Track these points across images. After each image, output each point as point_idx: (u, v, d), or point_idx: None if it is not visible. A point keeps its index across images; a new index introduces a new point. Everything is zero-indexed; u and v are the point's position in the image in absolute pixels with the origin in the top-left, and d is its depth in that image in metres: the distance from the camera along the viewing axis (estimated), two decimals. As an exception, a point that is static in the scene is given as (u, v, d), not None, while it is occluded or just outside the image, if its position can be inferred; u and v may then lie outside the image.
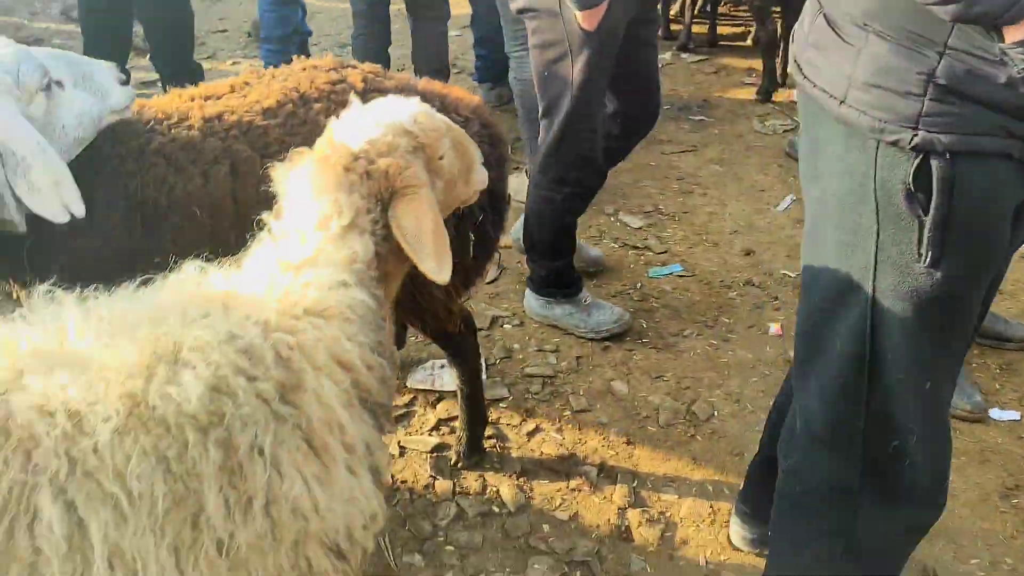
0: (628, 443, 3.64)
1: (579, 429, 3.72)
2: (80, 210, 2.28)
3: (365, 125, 2.01)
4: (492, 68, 6.56)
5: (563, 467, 3.52)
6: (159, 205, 2.63)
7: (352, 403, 1.70)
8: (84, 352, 1.44)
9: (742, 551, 3.11)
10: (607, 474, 3.48)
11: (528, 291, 4.36)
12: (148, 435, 1.38)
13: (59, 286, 1.65)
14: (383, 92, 2.87)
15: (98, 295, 1.64)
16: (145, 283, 1.77)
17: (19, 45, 2.29)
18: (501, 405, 3.83)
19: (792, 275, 4.75)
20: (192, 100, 2.82)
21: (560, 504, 3.35)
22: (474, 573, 3.05)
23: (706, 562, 3.11)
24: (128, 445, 1.35)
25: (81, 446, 1.31)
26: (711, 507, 3.32)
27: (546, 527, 3.25)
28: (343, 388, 1.69)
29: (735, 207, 5.48)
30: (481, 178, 2.34)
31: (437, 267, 1.92)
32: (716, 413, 3.80)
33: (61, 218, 2.26)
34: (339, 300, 1.78)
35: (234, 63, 7.93)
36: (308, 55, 7.06)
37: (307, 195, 1.91)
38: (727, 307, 4.52)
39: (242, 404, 1.49)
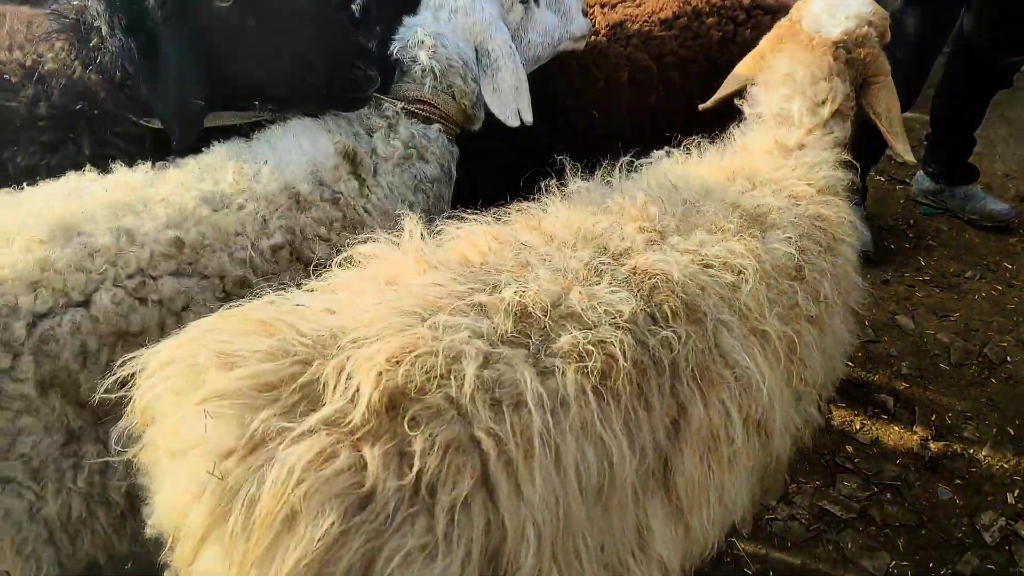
0: (921, 377, 3.70)
1: (868, 358, 3.79)
2: (529, 117, 2.43)
3: (838, 16, 2.13)
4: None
5: (858, 393, 3.61)
6: (565, 104, 2.78)
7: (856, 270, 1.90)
8: (685, 216, 1.63)
9: (1056, 495, 3.17)
10: (903, 405, 3.56)
11: None
12: (764, 283, 1.57)
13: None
14: (766, 8, 2.93)
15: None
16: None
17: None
18: (787, 326, 3.93)
19: (1074, 226, 4.60)
20: (590, 7, 2.93)
21: (860, 428, 3.46)
22: (785, 480, 3.22)
23: (1015, 500, 3.17)
24: (759, 292, 1.54)
25: (735, 293, 1.50)
26: (1015, 448, 3.36)
27: (849, 448, 3.37)
28: (852, 256, 1.88)
29: (1005, 149, 5.29)
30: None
31: (906, 149, 2.12)
32: (1009, 358, 3.79)
33: (512, 121, 2.41)
34: (840, 180, 1.98)
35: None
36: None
37: (803, 82, 2.05)
38: (1008, 252, 4.43)
39: (813, 260, 1.69)
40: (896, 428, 3.46)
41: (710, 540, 1.55)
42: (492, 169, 2.58)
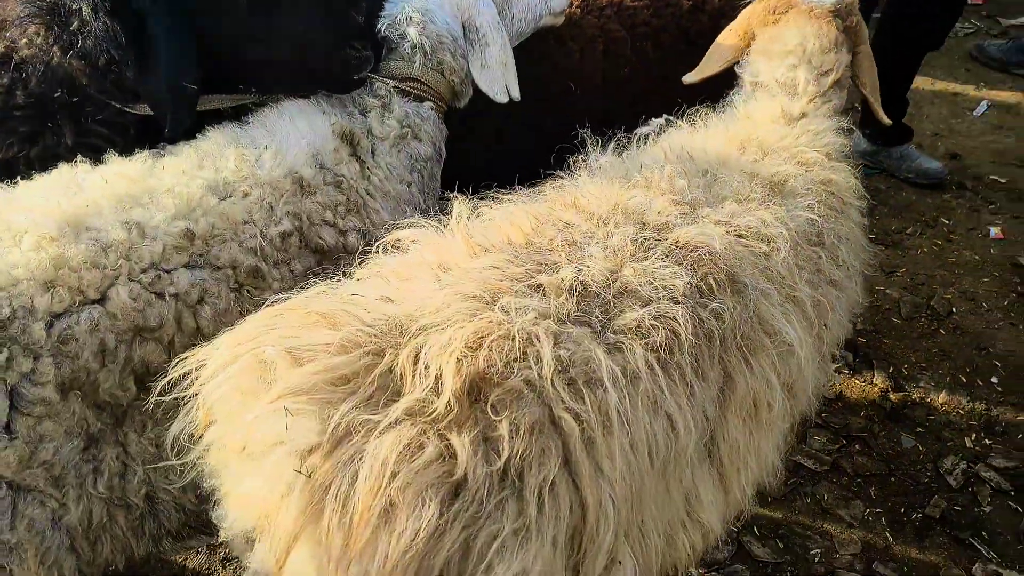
0: (876, 332, 3.86)
1: (825, 316, 3.93)
2: (517, 93, 2.41)
3: None
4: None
5: (820, 350, 3.75)
6: (540, 78, 2.77)
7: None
8: (709, 187, 1.66)
9: (1008, 435, 3.36)
10: (863, 359, 3.71)
11: None
12: (794, 252, 1.62)
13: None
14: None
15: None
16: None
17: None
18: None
19: (1003, 181, 4.84)
20: (560, -23, 2.91)
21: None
22: (759, 439, 3.33)
23: (973, 444, 3.36)
24: (790, 259, 1.59)
25: (769, 262, 1.55)
26: (968, 395, 3.55)
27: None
28: (860, 219, 1.96)
29: (931, 109, 5.51)
30: None
31: (886, 115, 2.19)
32: (954, 310, 3.99)
33: (501, 98, 2.39)
34: (844, 145, 2.06)
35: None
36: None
37: (812, 52, 2.11)
38: (944, 208, 4.64)
39: (831, 225, 1.78)
40: (857, 382, 3.60)
41: (746, 502, 1.60)
42: (478, 147, 2.57)
